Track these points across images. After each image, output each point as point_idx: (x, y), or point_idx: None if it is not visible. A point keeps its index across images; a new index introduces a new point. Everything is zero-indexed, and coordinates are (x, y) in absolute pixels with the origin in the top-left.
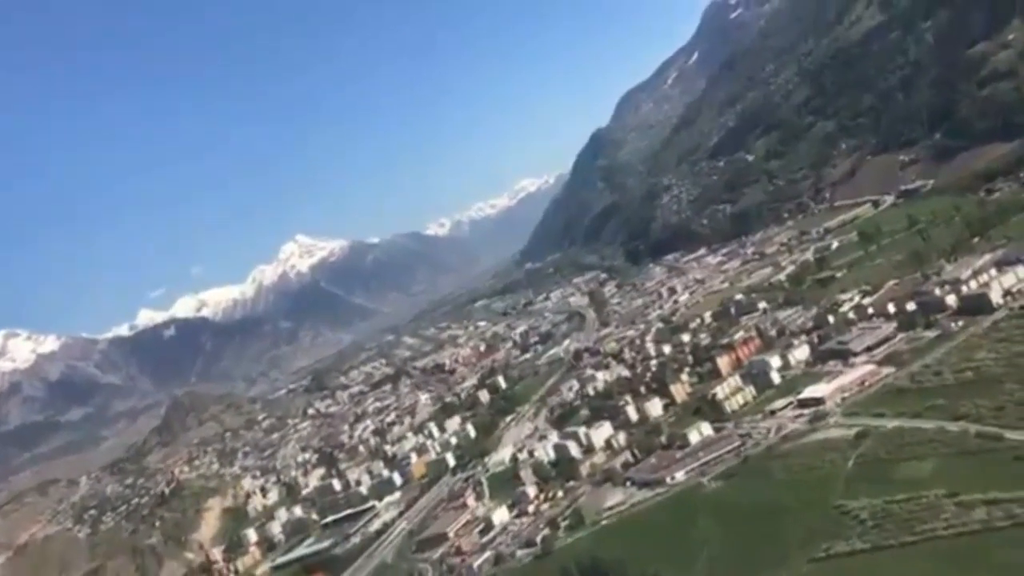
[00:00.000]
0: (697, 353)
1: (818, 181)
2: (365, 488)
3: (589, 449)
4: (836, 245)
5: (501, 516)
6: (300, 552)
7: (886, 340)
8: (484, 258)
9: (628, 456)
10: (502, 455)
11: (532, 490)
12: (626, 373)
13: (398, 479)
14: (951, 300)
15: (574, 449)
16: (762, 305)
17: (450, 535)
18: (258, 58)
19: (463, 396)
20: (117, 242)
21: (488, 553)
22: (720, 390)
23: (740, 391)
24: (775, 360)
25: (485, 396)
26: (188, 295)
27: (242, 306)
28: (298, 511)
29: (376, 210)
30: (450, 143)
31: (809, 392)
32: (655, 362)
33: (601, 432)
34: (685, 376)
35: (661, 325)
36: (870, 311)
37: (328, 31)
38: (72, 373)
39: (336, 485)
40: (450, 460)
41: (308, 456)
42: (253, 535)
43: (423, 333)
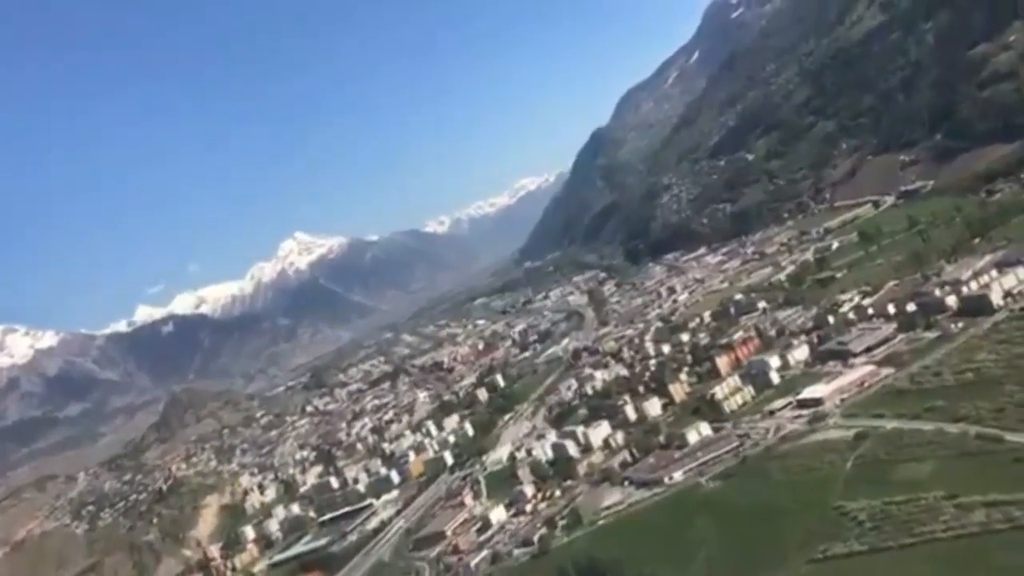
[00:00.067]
0: (696, 353)
1: (818, 181)
2: (363, 486)
3: (587, 448)
4: (836, 245)
5: (498, 515)
6: (297, 550)
7: (886, 341)
8: (483, 256)
9: (626, 456)
10: (500, 454)
11: (530, 489)
12: (625, 372)
13: (396, 477)
14: (951, 301)
15: (572, 448)
16: (762, 305)
17: (447, 534)
18: (258, 57)
19: (461, 394)
20: (116, 238)
21: (485, 552)
22: (719, 390)
23: (739, 391)
24: (774, 360)
25: (483, 394)
26: (187, 292)
27: (241, 303)
28: (296, 509)
29: (375, 208)
30: (450, 142)
31: (808, 393)
32: (654, 361)
33: (599, 431)
34: (684, 376)
35: (660, 324)
36: (870, 312)
37: (328, 30)
38: (70, 369)
39: (334, 483)
40: (448, 458)
41: (306, 454)
42: (251, 532)
43: (422, 331)
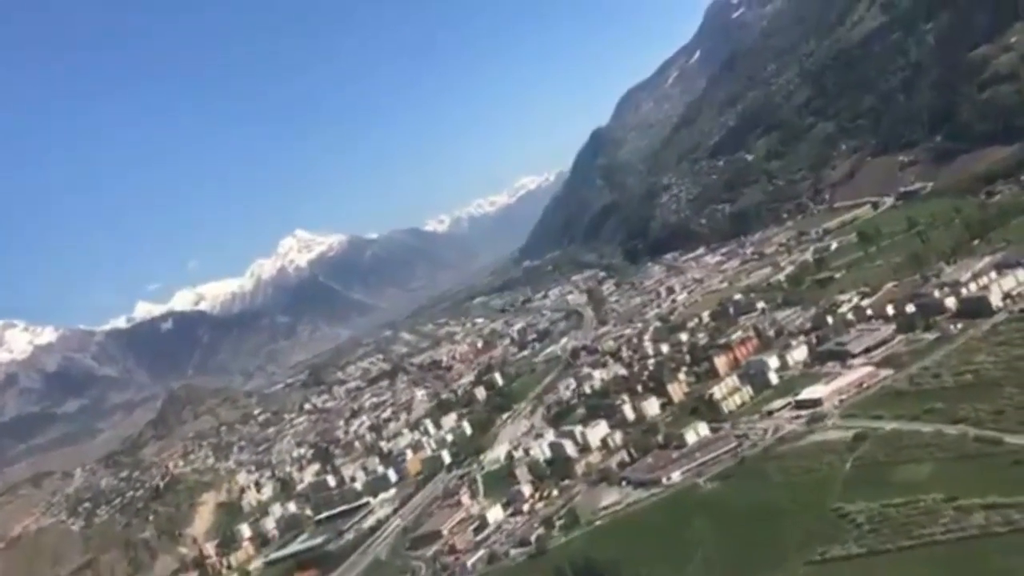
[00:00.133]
0: (695, 353)
1: (818, 182)
2: (360, 484)
3: (585, 448)
4: (835, 246)
5: (496, 514)
6: (294, 548)
7: (885, 342)
8: (483, 255)
9: (624, 456)
10: (498, 453)
11: (527, 489)
12: (623, 372)
13: (393, 476)
14: (950, 302)
15: (570, 448)
16: (760, 305)
17: (444, 533)
18: (258, 56)
19: (460, 393)
20: (116, 235)
21: (482, 552)
22: (717, 390)
23: (737, 391)
24: (773, 361)
25: (482, 393)
26: (186, 288)
27: (240, 300)
28: (292, 506)
29: (376, 206)
30: (450, 140)
31: (807, 393)
32: (652, 361)
33: (597, 431)
34: (682, 376)
35: (659, 324)
36: (869, 312)
37: (328, 29)
38: (69, 365)
39: (331, 481)
40: (445, 457)
41: (303, 451)
42: (247, 530)
43: (421, 329)
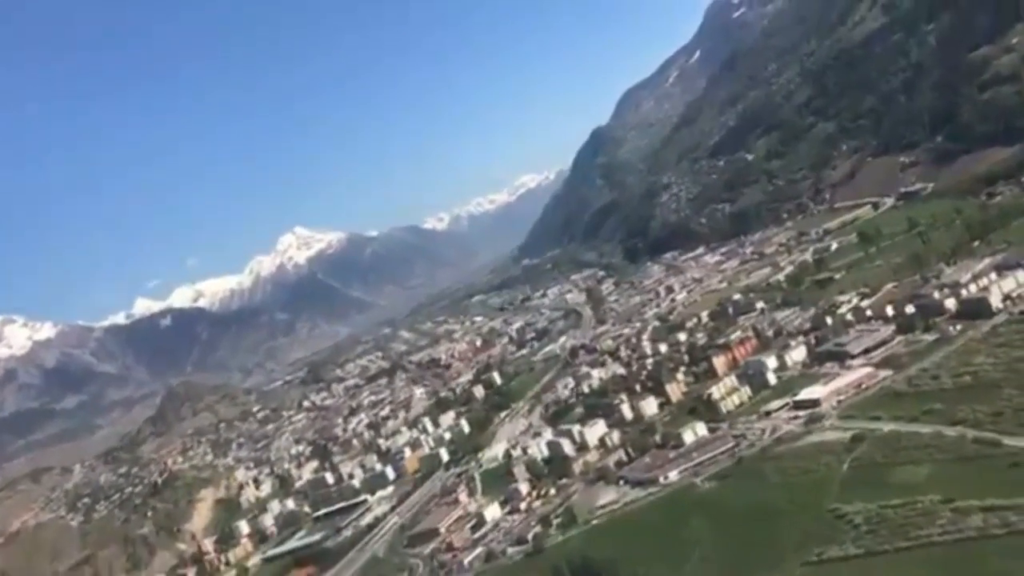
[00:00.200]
0: (693, 352)
1: (818, 182)
2: (358, 482)
3: (583, 447)
4: (835, 246)
5: (493, 513)
6: (292, 545)
7: (884, 343)
8: (482, 253)
9: (622, 455)
10: (496, 451)
11: (525, 487)
12: (622, 371)
13: (391, 473)
14: (950, 304)
15: (568, 447)
16: (760, 305)
17: (441, 531)
18: (257, 52)
19: (458, 391)
20: (115, 231)
21: (479, 550)
22: (716, 390)
23: (736, 391)
24: (771, 361)
25: (480, 392)
26: (185, 285)
27: (239, 297)
28: (290, 503)
29: (375, 203)
30: (451, 138)
31: (805, 394)
32: (651, 361)
33: (595, 430)
34: (681, 375)
35: (658, 323)
36: (868, 313)
37: (328, 25)
38: (68, 361)
39: (329, 478)
40: (444, 455)
41: (302, 448)
42: (245, 527)
43: (419, 327)
